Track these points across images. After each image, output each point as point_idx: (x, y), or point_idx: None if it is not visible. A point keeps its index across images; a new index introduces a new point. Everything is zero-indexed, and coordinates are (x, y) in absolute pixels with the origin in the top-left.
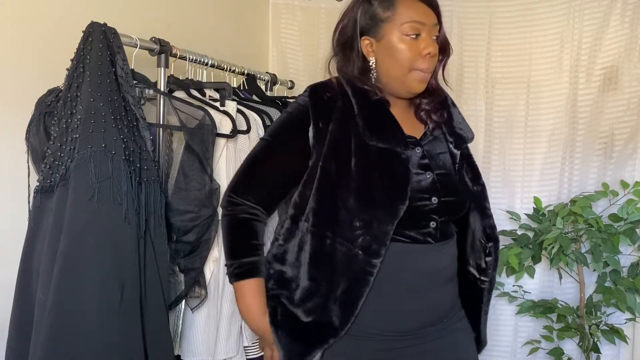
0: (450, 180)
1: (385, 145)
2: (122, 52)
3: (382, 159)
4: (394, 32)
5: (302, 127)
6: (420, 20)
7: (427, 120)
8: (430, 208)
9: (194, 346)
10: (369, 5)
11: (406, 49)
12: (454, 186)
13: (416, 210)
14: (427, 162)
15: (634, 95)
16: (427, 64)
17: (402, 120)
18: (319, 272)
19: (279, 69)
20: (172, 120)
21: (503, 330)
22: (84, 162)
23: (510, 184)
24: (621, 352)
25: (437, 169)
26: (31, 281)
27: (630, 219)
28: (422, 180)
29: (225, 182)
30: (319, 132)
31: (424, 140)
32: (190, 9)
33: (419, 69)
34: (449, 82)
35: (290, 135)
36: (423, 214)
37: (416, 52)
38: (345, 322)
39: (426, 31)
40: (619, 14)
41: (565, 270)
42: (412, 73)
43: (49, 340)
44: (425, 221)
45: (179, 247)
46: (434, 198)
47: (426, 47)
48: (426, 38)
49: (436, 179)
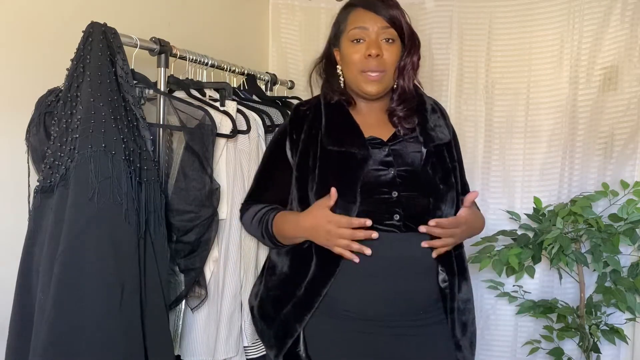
0: (413, 176)
1: (341, 149)
2: (122, 52)
3: (339, 162)
4: (345, 40)
5: (282, 141)
6: (363, 26)
7: (398, 125)
8: (391, 201)
9: (194, 346)
10: (336, 21)
11: (352, 52)
12: (417, 182)
13: (378, 202)
14: (389, 160)
15: (634, 95)
16: (371, 64)
17: (371, 122)
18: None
19: (279, 69)
20: (172, 120)
21: (503, 330)
22: (84, 162)
23: (510, 184)
24: (621, 352)
25: (402, 166)
26: (31, 281)
27: (630, 219)
28: (383, 176)
29: (225, 182)
30: (292, 144)
31: (392, 141)
32: (190, 9)
33: (366, 70)
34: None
35: (276, 150)
36: (385, 207)
37: (360, 55)
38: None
39: (371, 35)
40: (619, 14)
41: (565, 270)
42: (361, 75)
43: (49, 340)
44: (388, 214)
45: (179, 247)
46: (394, 192)
47: (367, 48)
48: (370, 41)
49: (396, 175)
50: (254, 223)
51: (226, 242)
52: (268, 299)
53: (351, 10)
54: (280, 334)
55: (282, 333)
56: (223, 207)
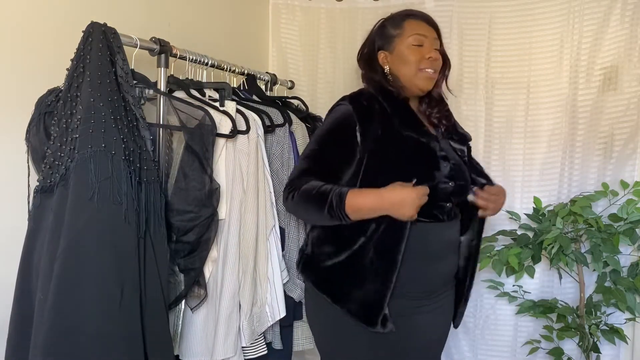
0: (460, 169)
1: (417, 136)
2: (122, 52)
3: (416, 148)
4: (403, 44)
5: (351, 127)
6: (423, 33)
7: (439, 124)
8: (448, 191)
9: (192, 346)
10: (384, 27)
11: (413, 54)
12: (464, 174)
13: (440, 191)
14: (444, 154)
15: (634, 95)
16: (430, 65)
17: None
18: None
19: (279, 69)
20: (172, 120)
21: (503, 330)
22: (84, 162)
23: (510, 184)
24: (621, 352)
25: (451, 159)
26: (31, 281)
27: (630, 219)
28: (443, 168)
29: (224, 182)
30: (364, 131)
31: (439, 137)
32: (190, 9)
33: (424, 68)
34: (449, 82)
35: (341, 134)
36: (443, 196)
37: (421, 56)
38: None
39: (428, 42)
40: (619, 14)
41: (565, 270)
42: (420, 72)
43: (49, 340)
44: (444, 202)
45: (179, 247)
46: (451, 182)
47: (428, 52)
48: (428, 46)
49: (452, 168)
50: (314, 196)
51: (225, 243)
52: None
53: (406, 19)
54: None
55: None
56: (222, 207)
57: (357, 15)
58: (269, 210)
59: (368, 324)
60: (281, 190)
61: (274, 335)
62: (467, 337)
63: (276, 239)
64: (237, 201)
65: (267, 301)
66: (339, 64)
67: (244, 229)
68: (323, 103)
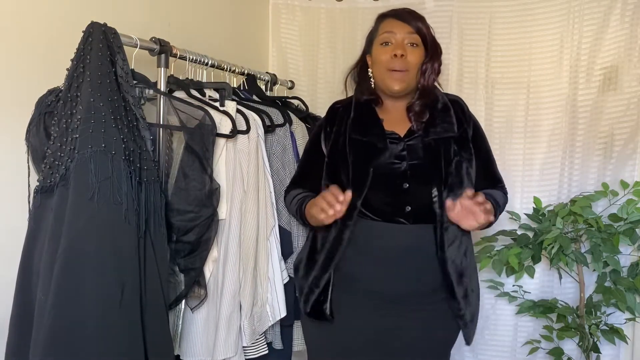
0: (421, 169)
1: (364, 138)
2: (122, 52)
3: (360, 150)
4: (376, 45)
5: (319, 133)
6: (391, 30)
7: (413, 121)
8: (403, 192)
9: (193, 346)
10: (370, 32)
11: (381, 53)
12: (423, 174)
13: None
14: (404, 154)
15: (634, 95)
16: (397, 63)
17: (393, 119)
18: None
19: (279, 69)
20: (172, 120)
21: (503, 330)
22: (84, 162)
23: (510, 184)
24: (621, 352)
25: (413, 160)
26: (31, 281)
27: (630, 219)
28: (397, 168)
29: (224, 182)
30: (326, 135)
31: (408, 137)
32: (190, 9)
33: (392, 68)
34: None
35: (313, 141)
36: (399, 198)
37: (388, 55)
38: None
39: (397, 39)
40: (619, 14)
41: (565, 270)
42: (388, 73)
43: (49, 340)
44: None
45: (179, 247)
46: (405, 183)
47: (394, 49)
48: (396, 44)
49: (408, 168)
50: (292, 206)
51: (225, 242)
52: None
53: (383, 20)
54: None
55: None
56: (222, 207)
57: (357, 15)
58: (269, 210)
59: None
60: (281, 190)
61: (275, 335)
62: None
63: (276, 238)
64: (238, 201)
65: (267, 301)
66: (339, 64)
67: (244, 228)
68: (323, 103)
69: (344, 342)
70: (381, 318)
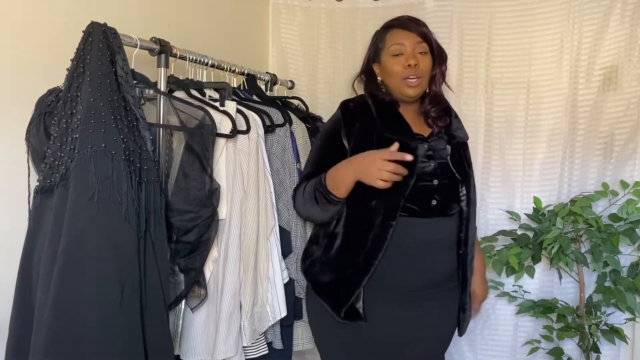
0: (447, 168)
1: (396, 137)
2: (122, 52)
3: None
4: (386, 56)
5: (338, 130)
6: (401, 42)
7: (433, 125)
8: (432, 188)
9: (193, 346)
10: (375, 40)
11: (394, 64)
12: (450, 172)
13: (422, 189)
14: (431, 154)
15: (634, 95)
16: (411, 72)
17: (412, 122)
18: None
19: (279, 69)
20: (172, 120)
21: (503, 330)
22: (84, 162)
23: (510, 184)
24: (621, 352)
25: (438, 159)
26: (31, 281)
27: (630, 219)
28: (426, 167)
29: (224, 182)
30: (348, 132)
31: (430, 138)
32: (190, 9)
33: (406, 77)
34: (449, 83)
35: (331, 137)
36: (427, 193)
37: (401, 65)
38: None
39: (407, 49)
40: (619, 14)
41: (565, 270)
42: (403, 82)
43: (49, 340)
44: (429, 199)
45: (179, 247)
46: (435, 180)
47: (407, 59)
48: (408, 54)
49: (437, 166)
50: (306, 193)
51: (225, 242)
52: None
53: (388, 30)
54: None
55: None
56: (223, 207)
57: (357, 15)
58: (270, 210)
59: (337, 314)
60: (281, 190)
61: (275, 335)
62: (467, 337)
63: (276, 238)
64: (238, 201)
65: (268, 301)
66: (339, 64)
67: (244, 228)
68: (323, 103)
69: (377, 341)
70: (401, 309)
